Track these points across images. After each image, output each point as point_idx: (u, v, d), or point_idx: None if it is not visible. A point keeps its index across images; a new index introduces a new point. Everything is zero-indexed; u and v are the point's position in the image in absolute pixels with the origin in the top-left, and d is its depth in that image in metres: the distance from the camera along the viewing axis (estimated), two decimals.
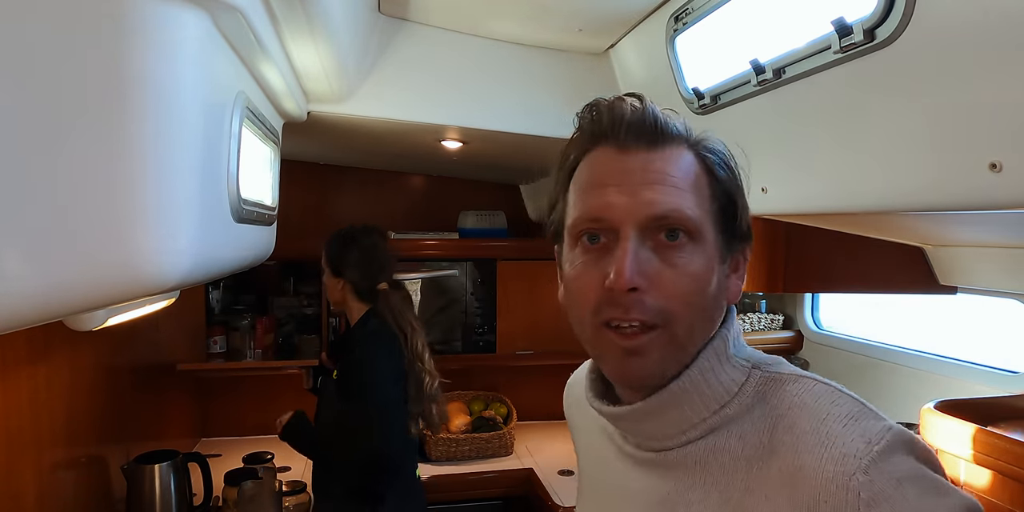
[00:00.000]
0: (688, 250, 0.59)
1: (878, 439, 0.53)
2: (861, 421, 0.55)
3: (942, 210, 0.96)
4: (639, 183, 0.59)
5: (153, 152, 0.64)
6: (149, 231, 0.64)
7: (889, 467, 0.52)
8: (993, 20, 0.76)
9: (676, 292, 0.58)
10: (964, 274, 1.58)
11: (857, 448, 0.53)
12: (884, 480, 0.51)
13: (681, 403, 0.61)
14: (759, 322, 2.38)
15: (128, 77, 0.62)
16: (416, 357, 1.87)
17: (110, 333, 1.45)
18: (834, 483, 0.52)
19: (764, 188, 1.35)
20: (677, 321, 0.59)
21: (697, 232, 0.60)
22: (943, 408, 1.44)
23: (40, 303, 0.59)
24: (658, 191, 0.59)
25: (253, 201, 1.06)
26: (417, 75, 1.66)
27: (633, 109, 0.62)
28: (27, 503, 1.31)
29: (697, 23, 1.33)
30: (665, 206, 0.59)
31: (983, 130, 0.82)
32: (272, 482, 1.96)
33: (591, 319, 0.60)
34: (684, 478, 0.62)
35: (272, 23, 1.01)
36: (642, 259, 0.58)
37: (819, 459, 0.53)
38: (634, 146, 0.61)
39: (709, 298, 0.60)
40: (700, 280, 0.59)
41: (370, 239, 1.89)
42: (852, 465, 0.52)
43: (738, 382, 0.62)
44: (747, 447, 0.59)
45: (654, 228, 0.59)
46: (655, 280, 0.58)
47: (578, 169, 0.64)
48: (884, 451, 0.52)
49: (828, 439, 0.54)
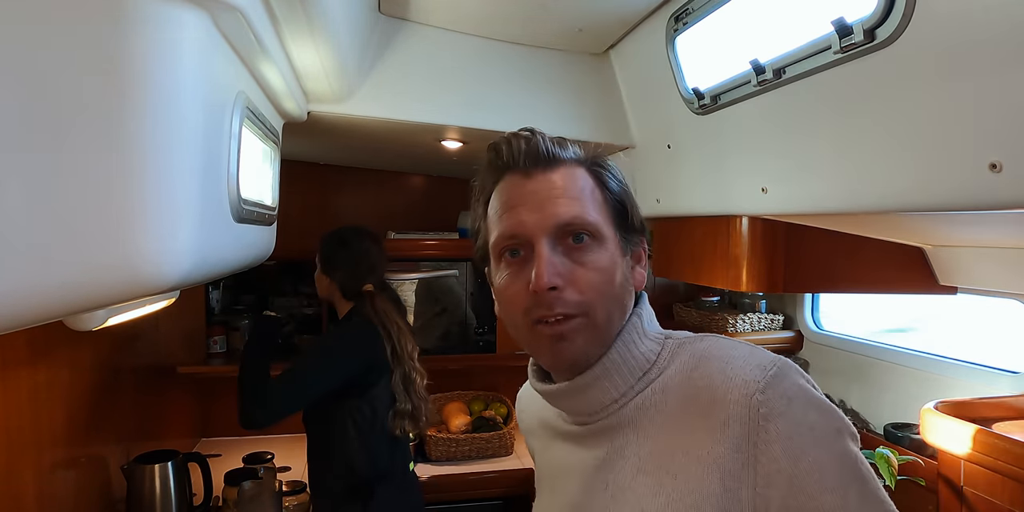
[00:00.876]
0: (593, 249, 0.70)
1: (770, 366, 0.65)
2: (756, 356, 0.67)
3: (942, 210, 0.96)
4: (543, 199, 0.70)
5: (153, 152, 0.64)
6: (149, 231, 0.64)
7: (780, 387, 0.63)
8: (993, 20, 0.76)
9: (589, 285, 0.69)
10: (964, 274, 1.58)
11: (755, 375, 0.64)
12: (777, 398, 0.62)
13: (609, 375, 0.71)
14: (759, 322, 2.38)
15: (128, 77, 0.62)
16: (406, 356, 1.90)
17: (110, 333, 1.45)
18: (739, 404, 0.63)
19: (764, 188, 1.35)
20: (594, 309, 0.69)
21: (598, 233, 0.70)
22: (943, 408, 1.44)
23: (40, 303, 0.59)
24: (560, 204, 0.70)
25: (253, 201, 1.06)
26: (417, 75, 1.66)
27: (527, 140, 0.72)
28: (27, 503, 1.31)
29: (697, 23, 1.33)
30: (568, 215, 0.69)
31: (983, 130, 0.82)
32: (272, 482, 1.96)
33: (523, 320, 0.70)
34: (618, 438, 0.71)
35: (272, 23, 1.01)
36: (556, 262, 0.68)
37: (726, 389, 0.65)
38: (534, 170, 0.72)
39: (618, 287, 0.71)
40: (607, 273, 0.70)
41: (361, 242, 1.93)
42: (752, 387, 0.63)
43: (655, 351, 0.73)
44: (670, 398, 0.69)
45: (562, 235, 0.69)
46: (570, 278, 0.68)
47: (492, 198, 0.75)
48: (776, 375, 0.64)
49: (732, 372, 0.66)
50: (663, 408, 0.69)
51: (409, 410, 1.89)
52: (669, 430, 0.68)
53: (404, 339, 1.90)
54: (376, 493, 1.84)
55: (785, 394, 0.62)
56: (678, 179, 1.72)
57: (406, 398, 1.89)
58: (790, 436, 0.61)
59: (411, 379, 1.90)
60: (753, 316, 2.38)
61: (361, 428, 1.85)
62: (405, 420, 1.88)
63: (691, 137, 1.58)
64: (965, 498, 1.38)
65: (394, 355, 1.88)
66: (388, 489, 1.88)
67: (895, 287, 1.66)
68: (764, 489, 0.61)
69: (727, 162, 1.46)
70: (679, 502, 0.64)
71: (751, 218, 1.53)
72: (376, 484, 1.85)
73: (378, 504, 1.84)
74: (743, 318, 2.36)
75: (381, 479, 1.87)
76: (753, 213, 1.50)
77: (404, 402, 1.89)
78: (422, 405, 1.92)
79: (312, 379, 1.77)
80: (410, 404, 1.89)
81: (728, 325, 2.34)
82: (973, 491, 1.36)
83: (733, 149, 1.43)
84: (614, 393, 0.72)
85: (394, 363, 1.88)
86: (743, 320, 2.36)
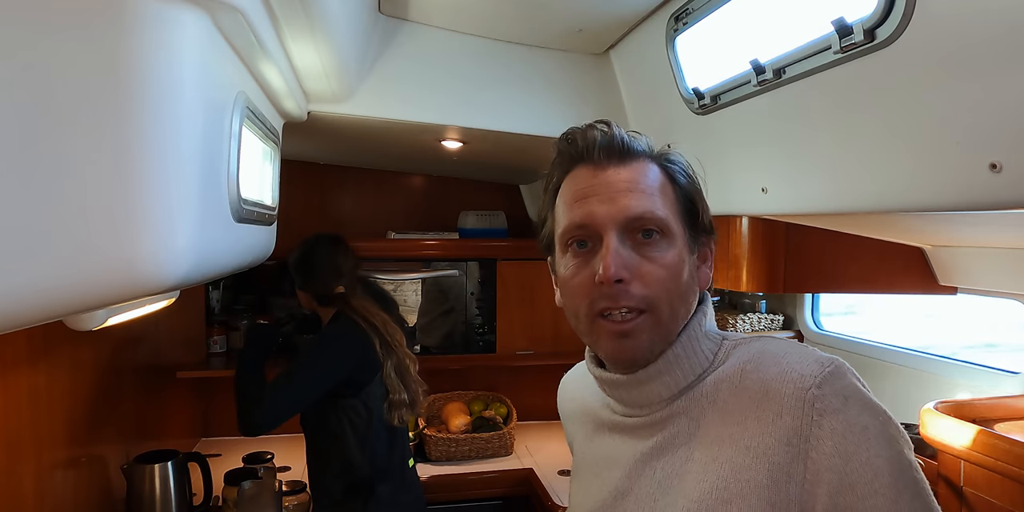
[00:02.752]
0: (662, 245, 0.70)
1: (828, 363, 0.64)
2: (813, 353, 0.67)
3: (942, 210, 0.96)
4: (615, 192, 0.70)
5: (153, 152, 0.64)
6: (149, 231, 0.64)
7: (837, 385, 0.62)
8: (993, 20, 0.76)
9: (655, 281, 0.69)
10: (964, 274, 1.58)
11: (812, 369, 0.64)
12: (833, 394, 0.62)
13: (671, 370, 0.72)
14: (759, 322, 2.38)
15: (128, 77, 0.62)
16: (395, 344, 1.92)
17: (110, 333, 1.45)
18: (793, 397, 0.63)
19: (764, 188, 1.35)
20: (659, 305, 0.69)
21: (667, 229, 0.70)
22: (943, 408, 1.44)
23: (40, 303, 0.59)
24: (631, 197, 0.70)
25: (253, 201, 1.06)
26: (417, 75, 1.66)
27: (603, 133, 0.73)
28: (27, 503, 1.31)
29: (697, 23, 1.33)
30: (639, 209, 0.69)
31: (983, 130, 0.82)
32: (272, 482, 1.96)
33: (587, 311, 0.71)
34: (669, 429, 0.72)
35: (272, 23, 1.01)
36: (624, 255, 0.68)
37: (781, 382, 0.64)
38: (607, 163, 0.72)
39: (683, 285, 0.71)
40: (674, 270, 0.70)
41: (319, 251, 1.94)
42: (808, 382, 0.63)
43: (713, 351, 0.74)
44: (722, 389, 0.69)
45: (631, 229, 0.70)
46: (637, 272, 0.68)
47: (562, 188, 0.75)
48: (833, 372, 0.63)
49: (788, 366, 0.65)
50: (715, 399, 0.69)
51: (405, 399, 1.91)
52: (720, 420, 0.68)
53: (390, 328, 1.93)
54: (376, 491, 1.85)
55: (841, 392, 0.62)
56: None
57: (401, 387, 1.91)
58: (844, 434, 0.60)
59: (404, 366, 1.93)
60: (753, 316, 2.38)
61: (358, 427, 1.85)
62: (402, 409, 1.90)
63: (691, 137, 1.57)
64: (965, 498, 1.38)
65: (384, 345, 1.90)
66: (388, 486, 1.88)
67: (895, 287, 1.66)
68: (812, 485, 0.60)
69: (727, 162, 1.46)
70: (724, 491, 0.64)
71: (751, 218, 1.53)
72: (376, 482, 1.86)
73: (379, 502, 1.85)
74: (743, 318, 2.36)
75: (381, 476, 1.87)
76: (753, 213, 1.50)
77: (399, 392, 1.90)
78: (419, 389, 1.94)
79: (306, 383, 1.79)
80: (406, 393, 1.91)
81: (728, 325, 2.34)
82: (973, 491, 1.36)
83: (733, 149, 1.43)
84: (673, 388, 0.72)
85: (386, 354, 1.90)
86: (743, 320, 2.36)
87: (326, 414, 1.87)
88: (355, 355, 1.86)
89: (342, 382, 1.83)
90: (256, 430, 1.70)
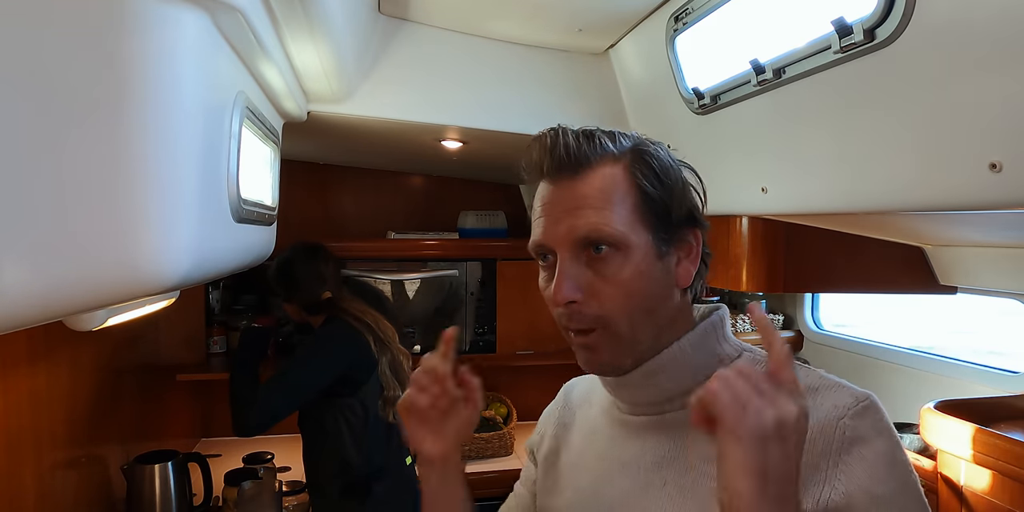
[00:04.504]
0: (615, 260, 0.67)
1: (864, 397, 0.64)
2: (849, 388, 0.66)
3: (942, 210, 0.96)
4: (563, 211, 0.68)
5: (153, 152, 0.64)
6: (149, 231, 0.64)
7: (871, 418, 0.63)
8: (993, 20, 0.76)
9: (609, 299, 0.67)
10: (964, 274, 1.58)
11: (847, 401, 0.64)
12: (866, 427, 0.62)
13: (675, 367, 0.71)
14: None
15: (128, 77, 0.62)
16: (388, 340, 1.93)
17: (110, 333, 1.45)
18: (827, 424, 0.63)
19: (764, 188, 1.35)
20: (615, 322, 0.68)
21: (621, 243, 0.67)
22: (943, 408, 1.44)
23: (40, 303, 0.59)
24: (580, 215, 0.67)
25: (253, 201, 1.06)
26: (417, 75, 1.66)
27: (552, 147, 0.69)
28: (27, 503, 1.31)
29: (697, 23, 1.33)
30: (585, 228, 0.67)
31: (983, 130, 0.82)
32: (272, 482, 1.96)
33: (558, 323, 0.72)
34: (681, 437, 0.70)
35: (272, 23, 1.01)
36: (576, 275, 0.67)
37: (815, 408, 0.63)
38: (558, 177, 0.70)
39: (647, 295, 0.69)
40: (630, 285, 0.67)
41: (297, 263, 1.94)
42: (842, 412, 0.63)
43: (732, 356, 0.72)
44: None
45: (582, 246, 0.67)
46: (590, 290, 0.67)
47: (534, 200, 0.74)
48: (868, 407, 0.64)
49: (822, 395, 0.65)
50: None
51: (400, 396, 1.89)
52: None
53: (382, 326, 1.94)
54: (373, 490, 1.85)
55: (875, 426, 0.63)
56: None
57: (395, 384, 1.92)
58: (875, 463, 0.61)
59: (398, 362, 1.94)
60: None
61: (354, 426, 1.86)
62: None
63: (691, 137, 1.57)
64: (965, 498, 1.38)
65: (378, 342, 1.91)
66: (385, 484, 1.88)
67: (895, 287, 1.66)
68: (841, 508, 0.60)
69: (727, 162, 1.46)
70: None
71: (751, 218, 1.53)
72: (373, 481, 1.86)
73: (376, 501, 1.84)
74: (743, 318, 2.36)
75: (377, 475, 1.87)
76: (753, 213, 1.50)
77: (393, 388, 1.91)
78: None
79: (299, 382, 1.80)
80: (401, 390, 1.91)
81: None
82: (973, 491, 1.36)
83: (733, 149, 1.43)
84: (680, 386, 0.70)
85: (380, 351, 1.91)
86: (743, 320, 2.36)
87: (322, 413, 1.87)
88: (348, 354, 1.86)
89: (337, 381, 1.83)
90: (250, 431, 1.71)
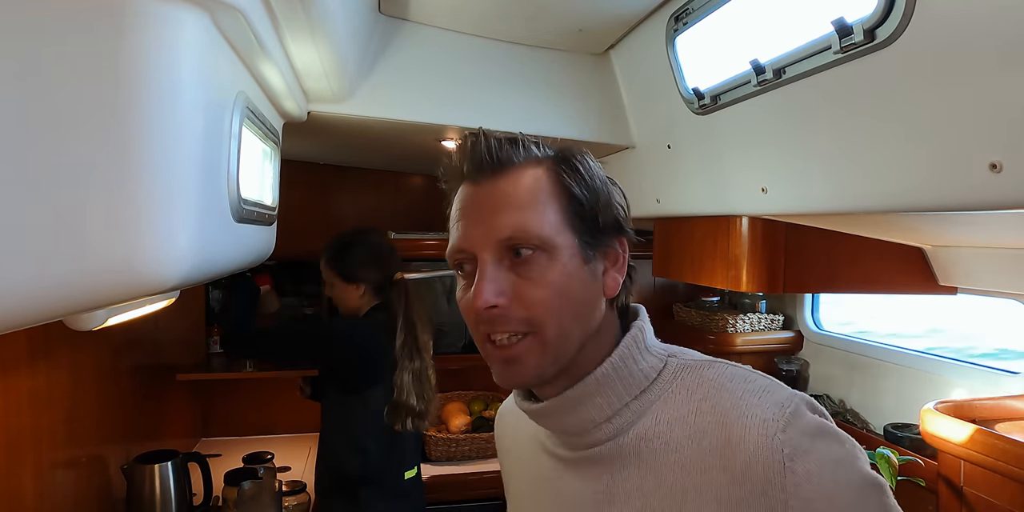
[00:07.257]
0: (540, 263, 0.64)
1: (788, 403, 0.61)
2: (772, 392, 0.63)
3: (942, 210, 0.96)
4: (487, 212, 0.65)
5: (153, 152, 0.64)
6: (149, 231, 0.64)
7: (801, 425, 0.60)
8: (993, 20, 0.76)
9: (536, 302, 0.63)
10: (964, 274, 1.58)
11: (773, 413, 0.61)
12: (799, 436, 0.60)
13: (603, 390, 0.67)
14: (759, 322, 2.37)
15: (127, 77, 0.62)
16: (424, 347, 1.85)
17: (110, 333, 1.45)
18: (760, 445, 0.59)
19: (764, 188, 1.35)
20: (545, 326, 0.64)
21: (546, 244, 0.64)
22: (943, 409, 1.44)
23: (40, 303, 0.59)
24: (501, 216, 0.64)
25: (253, 201, 1.06)
26: (417, 75, 1.66)
27: (473, 147, 0.67)
28: (27, 503, 1.31)
29: (697, 23, 1.33)
30: (508, 229, 0.64)
31: (983, 130, 0.82)
32: (272, 482, 1.95)
33: (475, 335, 0.67)
34: (619, 471, 0.67)
35: (272, 23, 1.01)
36: (499, 278, 0.64)
37: (744, 428, 0.61)
38: (480, 178, 0.67)
39: (574, 300, 0.65)
40: (558, 287, 0.64)
41: (368, 238, 1.91)
42: (772, 427, 0.60)
43: (656, 368, 0.68)
44: (675, 430, 0.64)
45: (505, 248, 0.64)
46: (515, 294, 0.64)
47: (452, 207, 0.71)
48: (794, 412, 0.61)
49: (748, 410, 0.62)
50: (669, 441, 0.64)
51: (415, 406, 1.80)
52: (679, 468, 0.63)
53: (421, 329, 1.86)
54: (359, 494, 1.80)
55: (806, 431, 0.60)
56: (678, 179, 1.72)
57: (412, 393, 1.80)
58: (820, 473, 0.59)
59: (427, 375, 1.84)
60: (753, 316, 2.38)
61: (354, 426, 1.83)
62: (410, 417, 1.80)
63: (691, 137, 1.58)
64: (965, 498, 1.38)
65: (413, 347, 1.82)
66: (374, 491, 1.82)
67: (895, 287, 1.66)
68: None
69: (727, 162, 1.46)
70: None
71: (751, 218, 1.54)
72: (361, 485, 1.81)
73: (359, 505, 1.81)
74: (743, 318, 2.36)
75: (367, 480, 1.82)
76: (753, 213, 1.50)
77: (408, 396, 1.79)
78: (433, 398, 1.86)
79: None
80: (419, 401, 1.81)
81: (728, 325, 2.34)
82: (973, 491, 1.36)
83: (733, 149, 1.43)
84: (608, 410, 0.66)
85: (411, 355, 1.82)
86: (743, 320, 2.36)
87: (332, 406, 1.87)
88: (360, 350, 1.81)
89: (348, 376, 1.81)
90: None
